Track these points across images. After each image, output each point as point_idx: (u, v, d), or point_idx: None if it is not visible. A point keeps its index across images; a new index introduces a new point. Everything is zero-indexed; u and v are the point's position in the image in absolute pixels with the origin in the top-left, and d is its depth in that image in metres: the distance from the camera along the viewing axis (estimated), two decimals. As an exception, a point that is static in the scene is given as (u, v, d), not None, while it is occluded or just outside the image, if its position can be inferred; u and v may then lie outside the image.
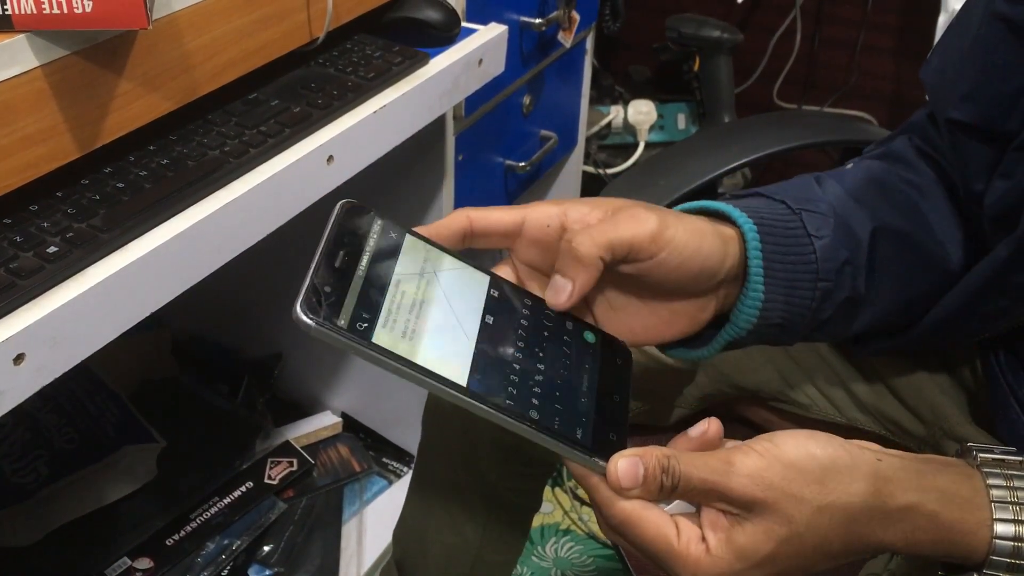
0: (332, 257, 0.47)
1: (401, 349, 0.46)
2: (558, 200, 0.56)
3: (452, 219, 0.54)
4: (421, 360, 0.46)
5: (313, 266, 0.46)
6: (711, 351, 0.60)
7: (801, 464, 0.47)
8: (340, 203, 0.50)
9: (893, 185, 0.66)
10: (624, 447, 0.49)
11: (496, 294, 0.53)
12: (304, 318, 0.43)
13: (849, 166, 0.68)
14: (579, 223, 0.54)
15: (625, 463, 0.47)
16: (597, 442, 0.49)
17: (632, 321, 0.57)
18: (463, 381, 0.47)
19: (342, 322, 0.44)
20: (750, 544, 0.46)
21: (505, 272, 0.56)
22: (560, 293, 0.52)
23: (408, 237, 0.51)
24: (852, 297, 0.61)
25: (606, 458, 0.48)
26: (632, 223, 0.52)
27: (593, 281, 0.52)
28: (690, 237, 0.54)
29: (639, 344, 0.58)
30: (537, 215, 0.55)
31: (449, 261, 0.52)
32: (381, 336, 0.45)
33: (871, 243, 0.61)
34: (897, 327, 0.67)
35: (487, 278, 0.53)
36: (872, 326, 0.64)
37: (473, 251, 0.56)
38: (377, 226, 0.50)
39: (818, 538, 0.47)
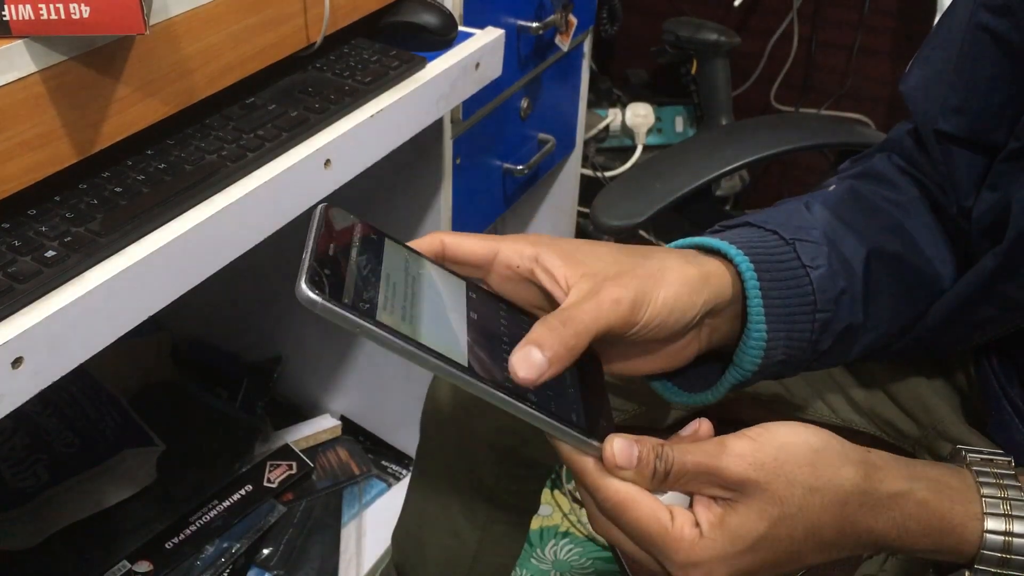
0: (324, 248, 0.47)
1: (405, 329, 0.46)
2: (533, 238, 0.54)
3: (426, 241, 0.54)
4: (424, 342, 0.46)
5: (308, 251, 0.45)
6: (715, 395, 0.59)
7: (793, 447, 0.47)
8: (320, 207, 0.50)
9: (878, 206, 0.65)
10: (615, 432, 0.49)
11: (475, 296, 0.53)
12: (310, 294, 0.43)
13: (831, 187, 0.67)
14: (547, 275, 0.53)
15: (621, 442, 0.47)
16: (591, 426, 0.49)
17: (609, 354, 0.56)
18: (464, 363, 0.47)
19: (347, 300, 0.44)
20: (742, 525, 0.47)
21: None
22: (532, 369, 0.47)
23: (387, 240, 0.51)
24: (851, 325, 0.60)
25: (601, 440, 0.48)
26: (614, 307, 0.50)
27: (567, 367, 0.49)
28: (664, 302, 0.52)
29: (616, 375, 0.57)
30: (508, 253, 0.54)
31: (427, 264, 0.53)
32: (384, 317, 0.45)
33: (865, 269, 0.60)
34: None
35: (463, 282, 0.54)
36: (871, 349, 0.63)
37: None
38: (359, 228, 0.50)
39: (809, 521, 0.47)
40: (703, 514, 0.47)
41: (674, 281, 0.53)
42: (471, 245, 0.54)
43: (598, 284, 0.51)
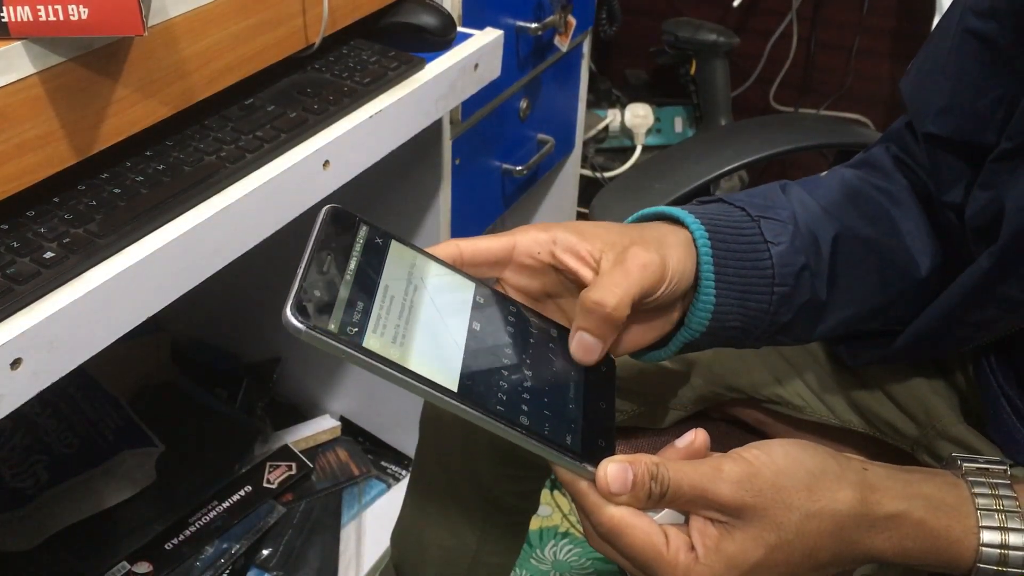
0: (320, 262, 0.46)
1: (392, 354, 0.45)
2: (544, 225, 0.56)
3: (442, 249, 0.54)
4: (412, 365, 0.46)
5: (301, 271, 0.45)
6: (668, 352, 0.60)
7: (790, 471, 0.47)
8: (325, 208, 0.49)
9: (864, 192, 0.67)
10: (612, 454, 0.49)
11: (482, 301, 0.53)
12: (294, 322, 0.43)
13: (823, 174, 0.69)
14: (570, 255, 0.54)
15: (614, 468, 0.47)
16: (586, 448, 0.49)
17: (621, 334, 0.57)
18: (454, 387, 0.47)
19: (332, 326, 0.44)
20: (740, 551, 0.46)
21: None
22: (591, 352, 0.53)
23: (394, 243, 0.51)
24: (812, 301, 0.61)
25: (595, 464, 0.47)
26: (642, 269, 0.52)
27: (616, 335, 0.53)
28: (678, 262, 0.55)
29: (619, 355, 0.58)
30: (526, 243, 0.55)
31: (435, 267, 0.52)
32: (371, 341, 0.45)
33: (832, 249, 0.62)
34: (875, 332, 0.67)
35: (472, 285, 0.53)
36: (840, 329, 0.65)
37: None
38: (363, 232, 0.50)
39: (807, 546, 0.47)
40: (699, 538, 0.47)
41: (675, 243, 0.56)
42: (488, 244, 0.55)
43: (621, 253, 0.53)
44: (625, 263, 0.53)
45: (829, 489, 0.48)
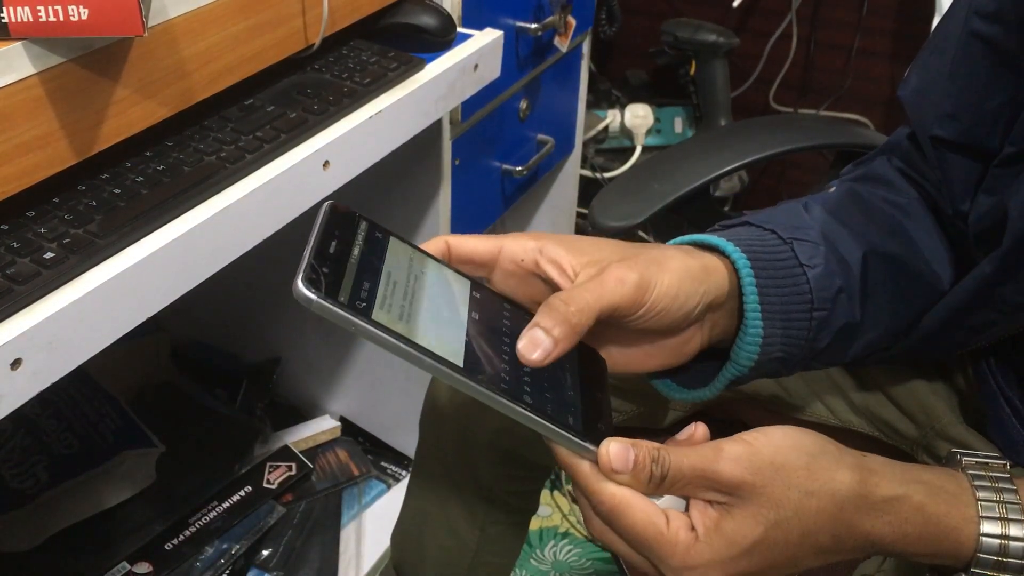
0: (325, 246, 0.47)
1: (400, 329, 0.46)
2: (536, 234, 0.56)
3: (431, 244, 0.54)
4: (419, 341, 0.47)
5: (309, 250, 0.46)
6: (712, 391, 0.60)
7: (789, 451, 0.48)
8: (326, 204, 0.50)
9: (877, 207, 0.66)
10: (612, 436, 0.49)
11: (479, 296, 0.54)
12: (306, 292, 0.44)
13: (832, 189, 0.68)
14: (552, 265, 0.54)
15: (617, 446, 0.47)
16: (588, 429, 0.49)
17: (612, 350, 0.57)
18: (459, 363, 0.48)
19: (343, 298, 0.45)
20: (739, 529, 0.47)
21: None
22: (535, 347, 0.48)
23: (392, 239, 0.52)
24: (848, 324, 0.60)
25: (597, 444, 0.48)
26: (617, 284, 0.51)
27: (573, 345, 0.50)
28: (669, 287, 0.53)
29: (618, 372, 0.58)
30: (512, 248, 0.55)
31: (432, 263, 0.53)
32: (380, 315, 0.46)
33: (862, 268, 0.61)
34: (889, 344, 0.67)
35: (468, 281, 0.54)
36: (870, 350, 0.64)
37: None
38: (363, 226, 0.51)
39: (806, 525, 0.47)
40: (699, 518, 0.47)
41: (676, 268, 0.54)
42: (475, 244, 0.55)
43: (603, 268, 0.52)
44: (601, 276, 0.52)
45: (828, 470, 0.48)
